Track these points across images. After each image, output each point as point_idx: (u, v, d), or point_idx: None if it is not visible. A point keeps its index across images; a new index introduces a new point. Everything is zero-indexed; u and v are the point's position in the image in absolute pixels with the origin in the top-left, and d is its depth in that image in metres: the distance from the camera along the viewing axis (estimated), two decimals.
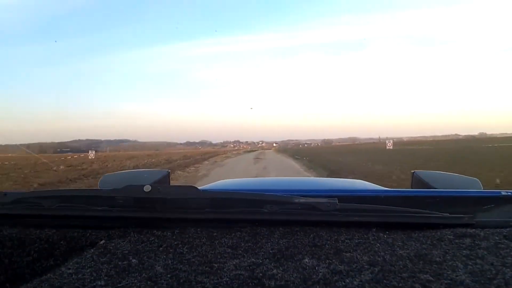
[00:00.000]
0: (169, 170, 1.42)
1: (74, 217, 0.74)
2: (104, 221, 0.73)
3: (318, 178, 3.53)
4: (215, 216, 0.72)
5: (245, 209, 0.72)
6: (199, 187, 0.83)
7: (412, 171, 1.38)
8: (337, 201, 0.69)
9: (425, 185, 1.25)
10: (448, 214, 0.71)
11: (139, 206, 0.72)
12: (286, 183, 1.80)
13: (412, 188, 1.32)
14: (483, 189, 1.21)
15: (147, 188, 0.70)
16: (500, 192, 0.78)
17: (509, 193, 0.77)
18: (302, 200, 0.71)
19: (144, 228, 0.71)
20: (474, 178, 1.29)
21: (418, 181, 1.30)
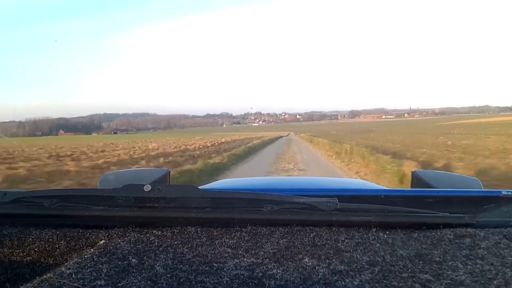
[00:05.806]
0: (170, 169, 1.43)
1: (74, 217, 0.75)
2: (104, 220, 0.74)
3: (318, 177, 3.45)
4: (215, 215, 0.73)
5: (245, 208, 0.73)
6: (199, 187, 0.84)
7: (412, 170, 1.37)
8: (337, 200, 0.70)
9: (425, 185, 1.23)
10: (448, 214, 0.71)
11: (139, 205, 0.73)
12: (286, 183, 1.80)
13: (412, 188, 1.30)
14: (483, 189, 1.21)
15: (147, 187, 0.71)
16: (500, 192, 0.79)
17: (510, 193, 0.78)
18: (302, 199, 0.71)
19: (144, 227, 0.71)
20: (475, 178, 1.28)
21: (418, 181, 1.28)
